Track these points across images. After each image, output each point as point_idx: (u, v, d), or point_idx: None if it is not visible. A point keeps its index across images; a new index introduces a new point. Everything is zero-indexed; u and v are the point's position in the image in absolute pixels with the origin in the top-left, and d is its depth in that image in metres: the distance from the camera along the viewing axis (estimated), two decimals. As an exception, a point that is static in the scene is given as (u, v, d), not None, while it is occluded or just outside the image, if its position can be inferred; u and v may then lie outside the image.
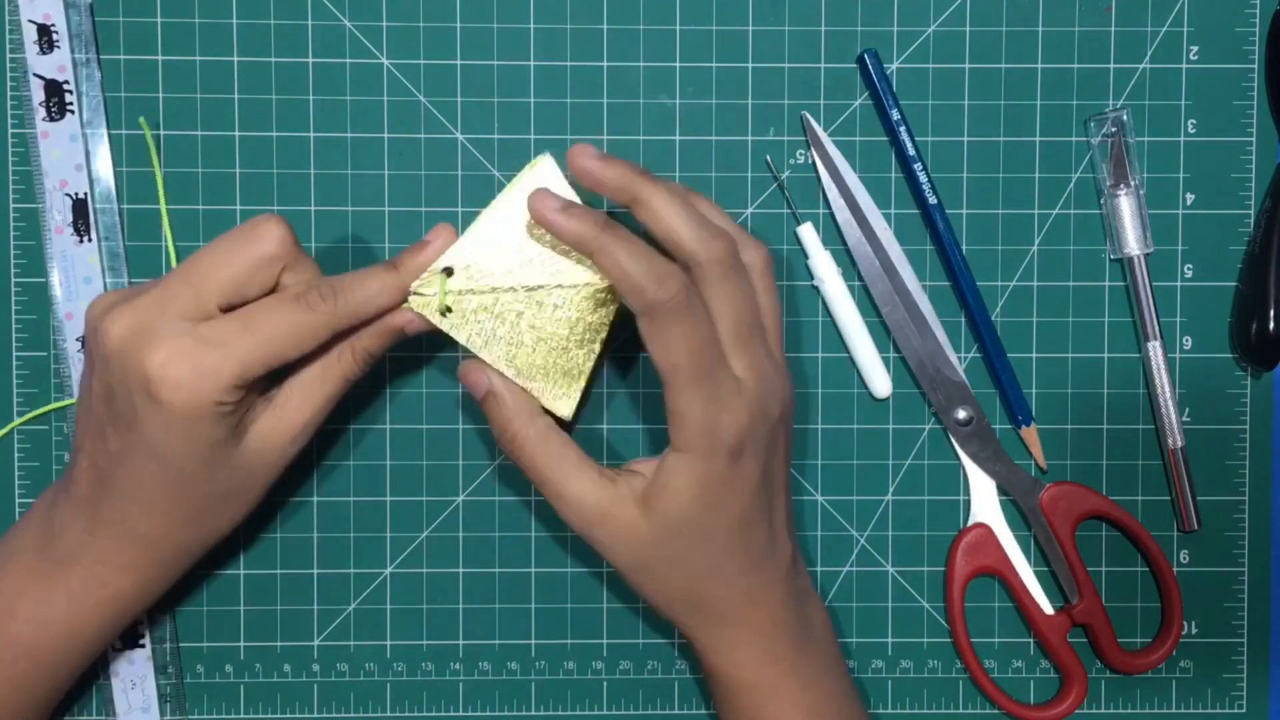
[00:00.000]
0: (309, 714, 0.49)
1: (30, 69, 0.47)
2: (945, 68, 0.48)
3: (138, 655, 0.48)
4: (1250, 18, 0.49)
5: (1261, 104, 0.49)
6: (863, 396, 0.49)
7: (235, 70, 0.48)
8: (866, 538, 0.49)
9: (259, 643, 0.48)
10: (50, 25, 0.47)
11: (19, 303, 0.47)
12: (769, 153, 0.48)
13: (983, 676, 0.48)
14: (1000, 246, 0.49)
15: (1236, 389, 0.49)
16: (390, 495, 0.48)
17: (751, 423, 0.39)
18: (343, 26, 0.48)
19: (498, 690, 0.49)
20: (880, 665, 0.49)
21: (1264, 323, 0.47)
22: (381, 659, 0.49)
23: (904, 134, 0.48)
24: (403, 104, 0.48)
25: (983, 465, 0.48)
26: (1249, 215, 0.49)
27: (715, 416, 0.39)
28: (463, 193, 0.48)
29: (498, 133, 0.48)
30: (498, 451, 0.48)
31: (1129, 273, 0.48)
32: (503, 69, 0.48)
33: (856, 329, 0.48)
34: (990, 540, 0.48)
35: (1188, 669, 0.49)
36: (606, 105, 0.48)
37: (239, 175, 0.48)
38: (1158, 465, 0.49)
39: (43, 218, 0.47)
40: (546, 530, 0.49)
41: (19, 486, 0.48)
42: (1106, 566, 0.49)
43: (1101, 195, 0.49)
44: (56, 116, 0.47)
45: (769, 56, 0.48)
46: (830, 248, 0.48)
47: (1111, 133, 0.48)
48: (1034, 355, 0.49)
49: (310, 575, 0.48)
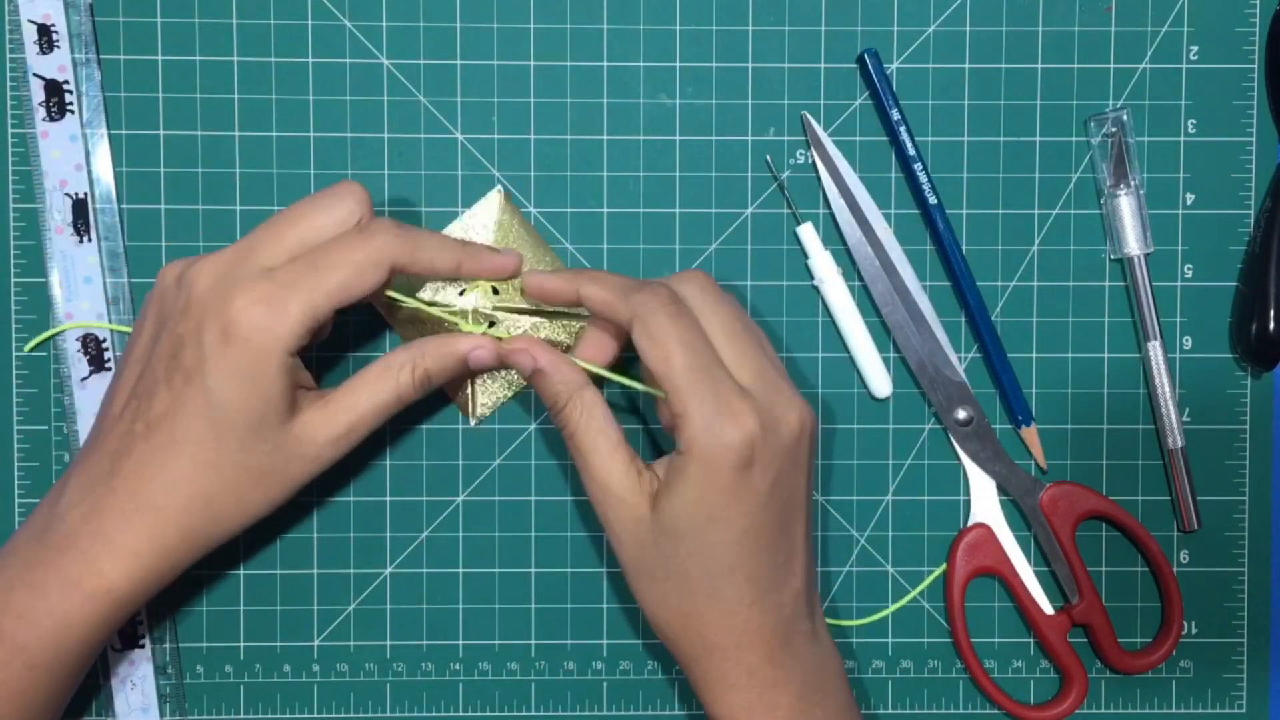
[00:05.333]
0: (309, 714, 0.49)
1: (30, 69, 0.47)
2: (945, 68, 0.48)
3: (138, 655, 0.48)
4: (1250, 18, 0.49)
5: (1261, 104, 0.49)
6: (863, 396, 0.49)
7: (235, 70, 0.48)
8: (866, 538, 0.49)
9: (259, 643, 0.48)
10: (50, 25, 0.47)
11: (18, 303, 0.47)
12: (769, 153, 0.48)
13: (983, 676, 0.48)
14: (1000, 246, 0.49)
15: (1236, 389, 0.49)
16: (390, 495, 0.48)
17: (762, 431, 0.39)
18: (343, 26, 0.48)
19: (498, 690, 0.49)
20: (880, 665, 0.49)
21: (1264, 323, 0.47)
22: (381, 659, 0.49)
23: (904, 134, 0.48)
24: (403, 104, 0.48)
25: (983, 465, 0.48)
26: (1249, 215, 0.49)
27: (719, 418, 0.38)
28: (463, 193, 0.48)
29: (498, 133, 0.48)
30: (498, 451, 0.48)
31: (1129, 273, 0.48)
32: (503, 69, 0.48)
33: (856, 329, 0.48)
34: (990, 540, 0.48)
35: (1188, 669, 0.49)
36: (606, 105, 0.48)
37: (239, 175, 0.48)
38: (1158, 465, 0.49)
39: (42, 218, 0.47)
40: (546, 530, 0.49)
41: (19, 486, 0.48)
42: (1106, 566, 0.49)
43: (1101, 195, 0.49)
44: (56, 116, 0.47)
45: (769, 56, 0.48)
46: (830, 248, 0.48)
47: (1111, 133, 0.48)
48: (1034, 355, 0.49)
49: (310, 575, 0.48)
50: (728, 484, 0.38)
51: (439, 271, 0.43)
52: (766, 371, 0.40)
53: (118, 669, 0.48)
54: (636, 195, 0.48)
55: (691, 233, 0.48)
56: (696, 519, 0.39)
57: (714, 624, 0.40)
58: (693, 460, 0.39)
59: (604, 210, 0.48)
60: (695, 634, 0.40)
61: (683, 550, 0.39)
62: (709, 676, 0.41)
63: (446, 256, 0.42)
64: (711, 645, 0.40)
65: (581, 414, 0.41)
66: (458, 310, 0.46)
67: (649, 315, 0.39)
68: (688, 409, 0.39)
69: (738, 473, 0.38)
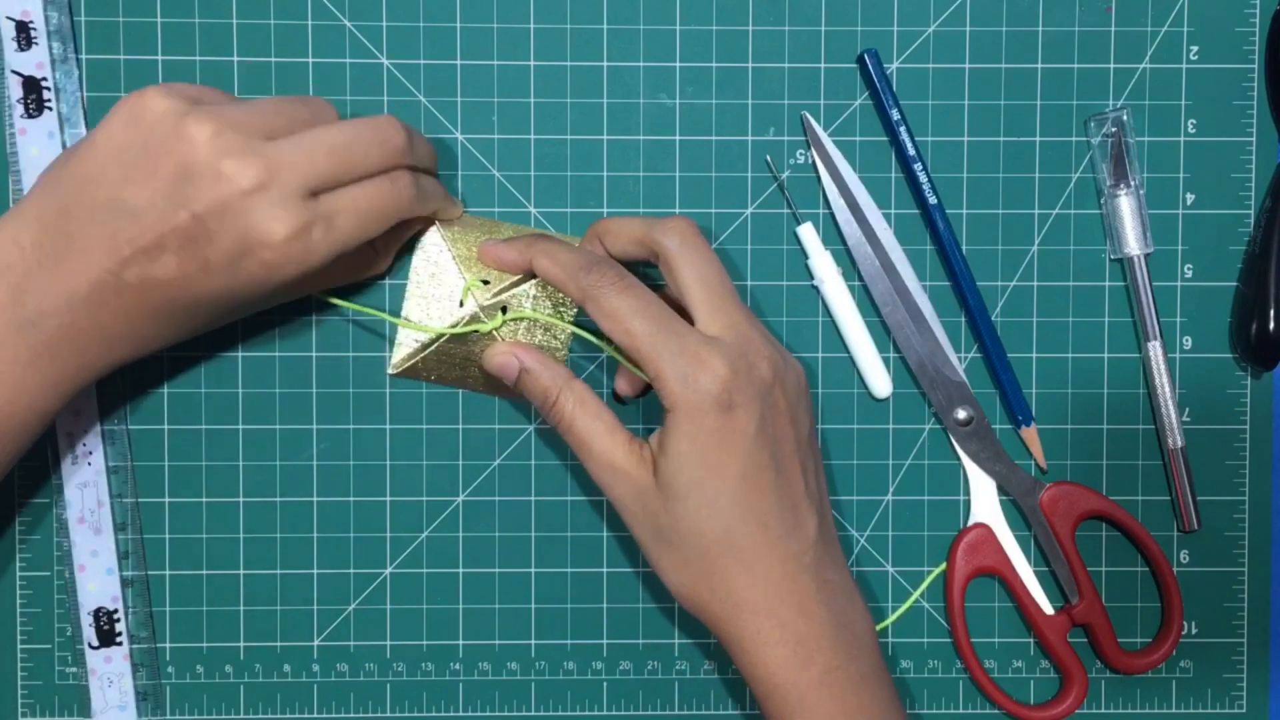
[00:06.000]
0: (309, 714, 0.49)
1: (8, 65, 0.46)
2: (945, 68, 0.48)
3: (114, 653, 0.47)
4: (1250, 18, 0.49)
5: (1261, 104, 0.49)
6: (863, 396, 0.49)
7: (235, 70, 0.48)
8: (866, 538, 0.49)
9: (259, 643, 0.48)
10: (29, 22, 0.46)
11: None
12: (769, 153, 0.48)
13: (983, 676, 0.48)
14: (1000, 246, 0.49)
15: (1236, 389, 0.49)
16: (390, 495, 0.48)
17: (734, 374, 0.40)
18: (343, 26, 0.48)
19: (498, 690, 0.49)
20: (880, 665, 0.49)
21: (1264, 323, 0.47)
22: (381, 659, 0.49)
23: (904, 134, 0.48)
24: (403, 104, 0.48)
25: (983, 465, 0.48)
26: (1249, 215, 0.49)
27: (690, 369, 0.40)
28: (463, 193, 0.48)
29: (498, 133, 0.48)
30: (498, 451, 0.48)
31: (1129, 273, 0.48)
32: (503, 69, 0.48)
33: (856, 329, 0.48)
34: (990, 540, 0.48)
35: (1188, 669, 0.49)
36: (606, 105, 0.48)
37: (239, 175, 0.48)
38: (1158, 465, 0.49)
39: None
40: (546, 530, 0.49)
41: (19, 487, 0.48)
42: (1106, 566, 0.49)
43: (1101, 195, 0.49)
44: (34, 113, 0.47)
45: (769, 56, 0.48)
46: (830, 248, 0.48)
47: (1111, 133, 0.48)
48: (1034, 355, 0.49)
49: (310, 575, 0.48)
50: (713, 427, 0.40)
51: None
52: (739, 323, 0.41)
53: (95, 666, 0.47)
54: (636, 195, 0.48)
55: (691, 233, 0.48)
56: (693, 472, 0.40)
57: (738, 578, 0.41)
58: (677, 415, 0.40)
59: (604, 210, 0.48)
60: (722, 593, 0.41)
61: (690, 508, 0.40)
62: (743, 635, 0.41)
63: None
64: (739, 602, 0.41)
65: (574, 404, 0.42)
66: (469, 320, 0.46)
67: (600, 295, 0.41)
68: (660, 370, 0.40)
69: (720, 415, 0.40)
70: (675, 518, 0.41)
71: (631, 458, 0.41)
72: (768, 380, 0.41)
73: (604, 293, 0.41)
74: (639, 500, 0.41)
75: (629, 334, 0.40)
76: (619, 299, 0.41)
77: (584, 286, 0.41)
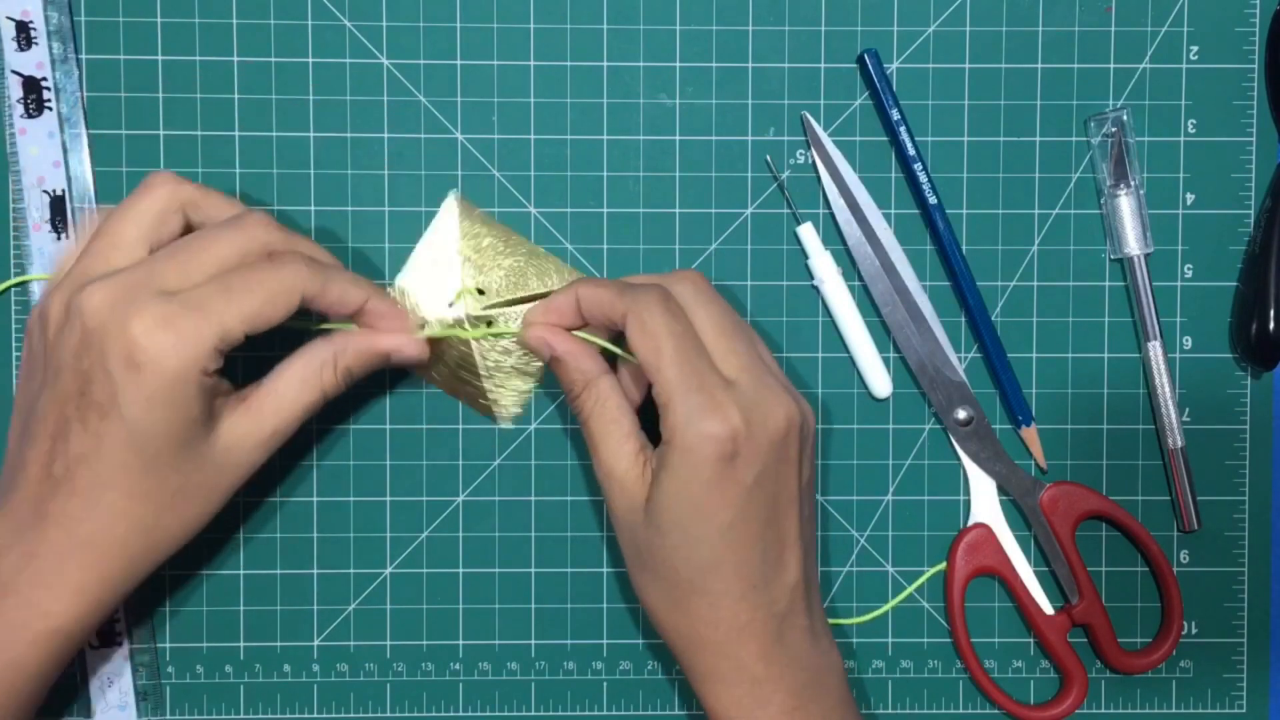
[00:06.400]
0: (309, 714, 0.49)
1: (8, 65, 0.47)
2: (945, 68, 0.48)
3: (114, 653, 0.47)
4: (1250, 18, 0.49)
5: (1261, 104, 0.49)
6: (863, 396, 0.49)
7: (235, 70, 0.48)
8: (866, 538, 0.49)
9: (259, 643, 0.48)
10: (29, 22, 0.46)
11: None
12: (769, 153, 0.48)
13: (983, 676, 0.48)
14: (1000, 246, 0.49)
15: (1236, 389, 0.49)
16: (390, 495, 0.48)
17: (746, 425, 0.39)
18: (343, 26, 0.48)
19: (498, 690, 0.49)
20: (880, 665, 0.49)
21: (1264, 323, 0.48)
22: (381, 659, 0.49)
23: (904, 134, 0.48)
24: (403, 104, 0.48)
25: (983, 465, 0.48)
26: (1249, 215, 0.49)
27: (701, 410, 0.39)
28: (462, 193, 0.48)
29: (498, 133, 0.48)
30: (497, 451, 0.48)
31: (1129, 273, 0.48)
32: (503, 69, 0.48)
33: (856, 329, 0.48)
34: (990, 540, 0.48)
35: (1188, 669, 0.49)
36: (606, 105, 0.48)
37: (239, 175, 0.48)
38: (1158, 465, 0.49)
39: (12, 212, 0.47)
40: (546, 530, 0.49)
41: (19, 486, 0.48)
42: (1106, 566, 0.49)
43: (1101, 195, 0.49)
44: (34, 113, 0.47)
45: (769, 56, 0.48)
46: (830, 248, 0.48)
47: (1111, 133, 0.48)
48: (1034, 355, 0.49)
49: (310, 575, 0.48)
50: (710, 476, 0.39)
51: (349, 306, 0.42)
52: (755, 368, 0.40)
53: (94, 667, 0.47)
54: (636, 195, 0.48)
55: (691, 233, 0.48)
56: (680, 511, 0.39)
57: (702, 617, 0.40)
58: (675, 451, 0.39)
59: (604, 210, 0.48)
60: (685, 627, 0.41)
61: (669, 542, 0.40)
62: (701, 670, 0.41)
63: (357, 292, 0.42)
64: (701, 639, 0.41)
65: (596, 402, 0.42)
66: (450, 323, 0.46)
67: (643, 309, 0.40)
68: (672, 399, 0.39)
69: (720, 465, 0.39)
70: (654, 545, 0.40)
71: (633, 470, 0.41)
72: (780, 431, 0.40)
73: (648, 309, 0.40)
74: (627, 514, 0.41)
75: (657, 353, 0.39)
76: (662, 317, 0.40)
77: (629, 301, 0.40)
